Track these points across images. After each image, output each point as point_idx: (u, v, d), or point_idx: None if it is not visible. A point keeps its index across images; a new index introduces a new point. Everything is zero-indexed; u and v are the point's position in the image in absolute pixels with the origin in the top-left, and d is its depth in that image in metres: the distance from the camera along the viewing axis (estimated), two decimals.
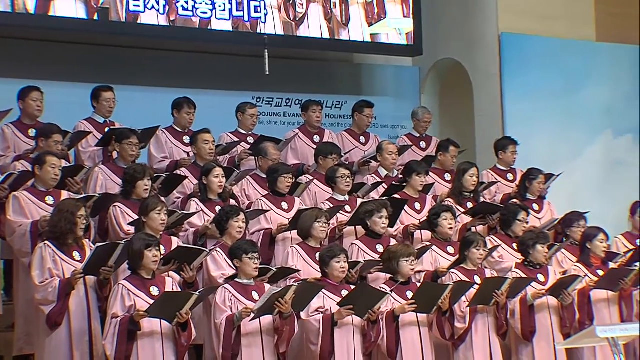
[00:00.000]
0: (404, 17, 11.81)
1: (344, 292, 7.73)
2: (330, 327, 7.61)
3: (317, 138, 10.45)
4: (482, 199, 9.93)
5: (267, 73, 9.58)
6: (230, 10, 10.69)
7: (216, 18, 10.62)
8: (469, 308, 8.17)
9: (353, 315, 7.65)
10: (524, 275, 8.54)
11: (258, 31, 10.82)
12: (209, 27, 10.60)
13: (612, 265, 9.14)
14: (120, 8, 10.10)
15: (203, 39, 10.80)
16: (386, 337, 7.81)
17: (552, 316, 8.52)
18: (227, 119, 10.45)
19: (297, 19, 11.07)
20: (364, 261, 8.27)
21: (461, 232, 9.30)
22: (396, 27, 11.74)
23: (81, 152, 9.32)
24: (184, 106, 9.81)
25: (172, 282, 7.32)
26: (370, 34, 11.58)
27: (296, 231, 8.49)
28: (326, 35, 11.26)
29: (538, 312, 8.48)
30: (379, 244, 8.59)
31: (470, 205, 9.68)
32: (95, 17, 10.03)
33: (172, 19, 10.38)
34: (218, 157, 9.64)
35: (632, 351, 9.27)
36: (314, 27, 11.19)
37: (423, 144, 11.06)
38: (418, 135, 11.14)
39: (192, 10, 10.50)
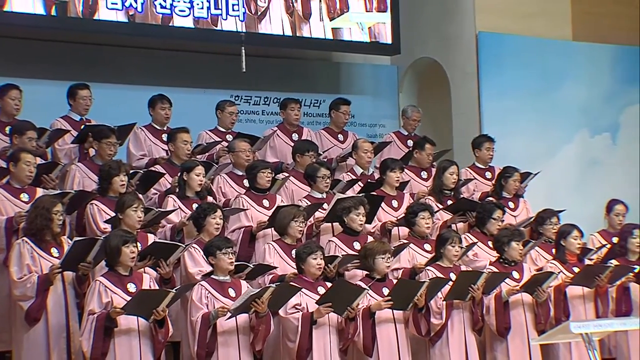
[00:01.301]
0: (367, 11, 11.76)
1: (320, 289, 7.77)
2: (309, 326, 7.63)
3: (295, 136, 10.46)
4: (461, 196, 9.98)
5: (244, 70, 9.58)
6: (209, 8, 10.69)
7: (194, 16, 10.62)
8: (444, 303, 8.22)
9: (331, 313, 7.67)
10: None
11: (235, 29, 10.83)
12: (188, 25, 10.61)
13: (587, 261, 9.21)
14: (79, 4, 10.09)
15: (181, 37, 10.80)
16: (362, 334, 7.83)
17: (526, 313, 8.58)
18: (205, 117, 10.46)
19: (259, 13, 11.02)
20: (341, 256, 8.30)
21: (441, 229, 9.33)
22: (358, 22, 11.65)
23: (57, 149, 9.32)
24: (158, 102, 9.83)
25: (149, 279, 7.33)
26: (332, 28, 11.50)
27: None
28: (287, 29, 11.14)
29: (513, 308, 8.53)
30: (356, 241, 8.61)
31: (450, 203, 9.72)
32: (71, 14, 10.02)
33: (150, 17, 10.39)
34: (197, 156, 9.65)
35: (607, 349, 9.37)
36: (276, 21, 11.09)
37: (410, 143, 11.01)
38: (407, 133, 11.17)
39: (170, 9, 10.50)
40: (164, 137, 9.67)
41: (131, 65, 11.12)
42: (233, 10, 10.85)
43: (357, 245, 8.56)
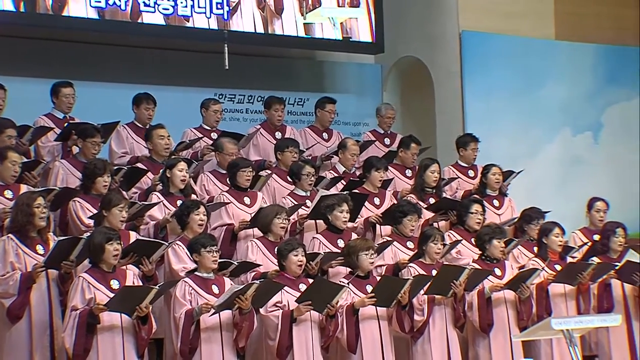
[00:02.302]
0: (339, 6, 11.70)
1: (302, 286, 7.79)
2: (289, 323, 7.65)
3: (278, 134, 10.48)
4: (443, 195, 10.03)
5: (227, 67, 9.59)
6: (192, 6, 10.70)
7: (177, 14, 10.62)
8: (426, 299, 8.26)
9: (312, 311, 7.70)
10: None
11: (219, 27, 10.83)
12: (171, 23, 10.62)
13: (569, 259, 9.27)
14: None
15: (165, 34, 10.80)
16: (346, 331, 7.87)
17: (508, 310, 8.63)
18: (190, 115, 10.47)
19: (231, 8, 11.00)
20: (324, 253, 8.32)
21: (423, 227, 9.37)
22: (329, 17, 11.60)
23: (40, 146, 9.31)
24: (143, 101, 9.84)
25: (132, 275, 7.34)
26: (304, 24, 11.45)
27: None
28: (259, 25, 11.08)
29: (495, 305, 8.58)
30: (340, 238, 8.64)
31: (432, 201, 9.76)
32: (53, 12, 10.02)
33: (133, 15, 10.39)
34: (181, 153, 9.66)
35: (588, 346, 9.43)
36: (247, 16, 11.03)
37: (387, 141, 11.14)
38: (382, 132, 11.22)
39: (154, 7, 10.51)
40: None
41: (115, 63, 11.11)
42: (217, 8, 10.85)
43: (341, 243, 8.59)
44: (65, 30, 10.42)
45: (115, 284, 7.12)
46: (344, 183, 9.81)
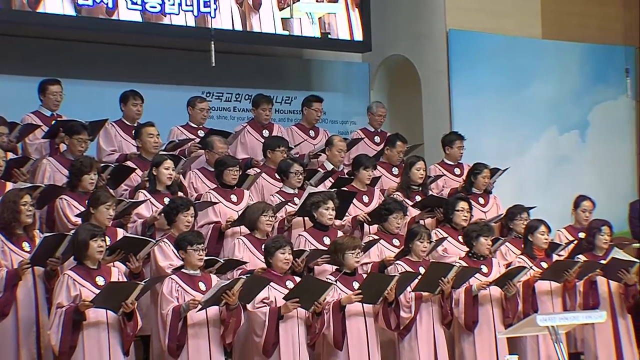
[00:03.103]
0: (317, 1, 11.66)
1: (289, 283, 7.81)
2: (276, 320, 7.66)
3: (266, 132, 10.50)
4: (430, 193, 10.06)
5: (213, 64, 9.60)
6: (180, 4, 10.70)
7: (164, 13, 10.62)
8: (414, 296, 8.28)
9: (298, 308, 7.72)
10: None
11: (206, 25, 10.82)
12: (158, 22, 10.62)
13: (555, 257, 9.30)
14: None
15: (151, 32, 10.79)
16: (332, 327, 7.89)
17: (494, 307, 8.65)
18: (177, 113, 10.47)
19: (218, 6, 10.96)
20: (310, 250, 8.34)
21: (409, 225, 9.40)
22: (307, 12, 11.56)
23: (28, 144, 9.31)
24: (130, 98, 9.84)
25: (117, 272, 7.35)
26: (282, 19, 11.41)
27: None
28: (237, 20, 11.03)
29: (481, 302, 8.61)
30: (326, 235, 8.66)
31: (418, 198, 9.79)
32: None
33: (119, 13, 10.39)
34: (168, 152, 9.66)
35: (574, 343, 9.47)
36: (225, 11, 10.97)
37: (377, 139, 11.15)
38: (373, 130, 11.24)
39: (142, 5, 10.51)
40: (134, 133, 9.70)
41: (103, 61, 11.10)
42: (204, 6, 10.86)
43: (327, 240, 8.60)
44: (46, 27, 10.40)
45: (100, 281, 7.12)
46: (332, 181, 9.84)
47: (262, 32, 11.27)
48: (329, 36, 11.71)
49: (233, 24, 10.99)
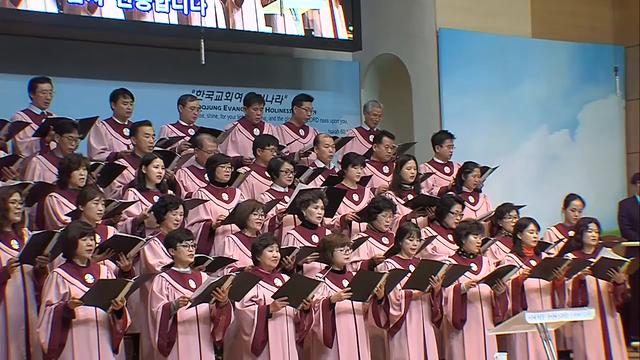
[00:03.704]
0: None
1: (277, 281, 7.82)
2: (265, 318, 7.67)
3: (256, 131, 10.51)
4: (421, 191, 10.07)
5: (203, 62, 9.61)
6: (170, 3, 10.70)
7: (155, 11, 10.63)
8: (403, 292, 8.30)
9: (287, 306, 7.72)
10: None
11: (195, 24, 10.81)
12: (148, 20, 10.62)
13: (544, 255, 9.33)
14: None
15: (141, 31, 10.80)
16: (322, 325, 7.90)
17: (483, 305, 8.67)
18: (168, 112, 10.47)
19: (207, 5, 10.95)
20: (300, 247, 8.36)
21: (400, 223, 9.41)
22: (290, 8, 11.52)
23: (18, 142, 9.30)
24: (120, 96, 9.83)
25: (107, 270, 7.34)
26: (265, 15, 11.37)
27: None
28: (221, 17, 10.98)
29: (470, 301, 8.63)
30: (314, 234, 8.67)
31: (410, 197, 9.81)
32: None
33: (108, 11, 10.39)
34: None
35: (563, 341, 9.51)
36: (209, 7, 10.92)
37: (372, 138, 11.08)
38: (369, 129, 11.25)
39: (132, 3, 10.51)
40: (125, 131, 9.70)
41: (93, 59, 11.10)
42: (195, 5, 10.86)
43: (315, 238, 8.61)
44: (30, 25, 10.37)
45: (89, 279, 7.12)
46: (323, 179, 9.85)
47: (253, 30, 11.27)
48: (313, 33, 11.68)
49: (217, 21, 10.94)
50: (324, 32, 11.77)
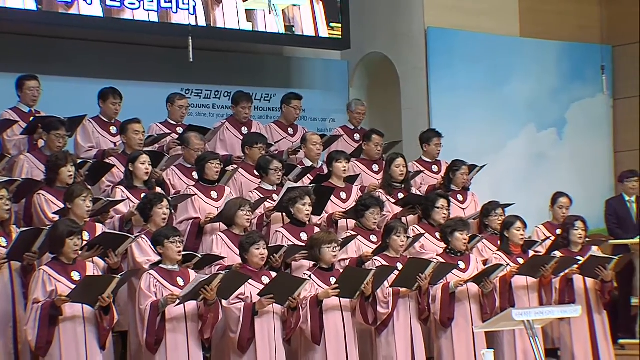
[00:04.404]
0: None
1: (264, 278, 7.83)
2: (251, 316, 7.67)
3: (245, 129, 10.51)
4: (412, 189, 10.09)
5: (191, 60, 9.61)
6: (159, 2, 10.70)
7: (144, 9, 10.63)
8: (391, 290, 8.31)
9: (274, 304, 7.73)
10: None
11: (182, 22, 10.81)
12: (135, 18, 10.62)
13: (531, 253, 9.35)
14: None
15: (127, 29, 10.79)
16: (310, 322, 7.91)
17: (471, 303, 8.69)
18: (157, 110, 10.48)
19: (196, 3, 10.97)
20: (287, 245, 8.37)
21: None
22: (271, 4, 11.47)
23: (6, 140, 9.30)
24: (110, 96, 9.83)
25: (93, 267, 7.34)
26: (245, 10, 11.32)
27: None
28: (201, 13, 10.95)
29: (458, 298, 8.65)
30: (303, 231, 8.67)
31: (401, 196, 9.83)
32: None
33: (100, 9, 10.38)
34: (147, 147, 9.67)
35: (551, 339, 9.54)
36: (191, 4, 10.93)
37: (357, 136, 11.15)
38: (353, 127, 11.27)
39: (120, 2, 10.50)
40: (112, 129, 9.71)
41: (82, 58, 11.09)
42: (183, 3, 10.86)
43: (304, 236, 8.61)
44: (11, 23, 10.34)
45: (76, 276, 7.12)
46: (311, 177, 9.86)
47: (243, 29, 11.28)
48: (294, 29, 11.64)
49: (197, 19, 10.91)
50: (304, 29, 11.73)
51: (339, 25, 11.97)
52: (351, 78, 13.00)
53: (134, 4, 10.55)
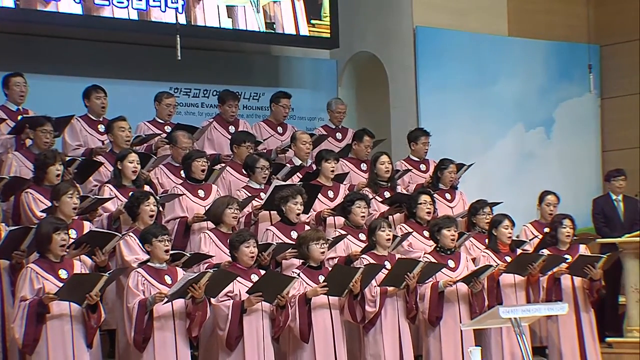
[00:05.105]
0: None
1: (254, 276, 7.83)
2: (239, 314, 7.68)
3: (232, 128, 10.52)
4: (398, 188, 10.11)
5: (179, 58, 9.61)
6: (147, 0, 10.70)
7: (132, 7, 10.62)
8: (379, 289, 8.33)
9: (262, 301, 7.73)
10: (435, 261, 8.72)
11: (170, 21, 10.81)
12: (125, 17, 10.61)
13: (519, 251, 9.38)
14: None
15: (115, 28, 10.79)
16: (298, 320, 7.91)
17: (460, 302, 8.71)
18: (145, 109, 10.47)
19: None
20: (276, 243, 8.38)
21: None
22: (251, 0, 11.43)
23: None
24: (92, 92, 9.82)
25: (80, 265, 7.34)
26: (226, 6, 11.28)
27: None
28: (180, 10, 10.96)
29: (448, 298, 8.66)
30: (293, 230, 8.68)
31: (387, 194, 9.85)
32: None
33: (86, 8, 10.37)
34: (136, 147, 9.66)
35: (538, 337, 9.57)
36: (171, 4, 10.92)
37: (339, 135, 11.20)
38: (334, 126, 11.29)
39: (109, 1, 10.50)
40: (100, 127, 9.71)
41: (71, 56, 11.07)
42: (172, 2, 10.86)
43: (294, 234, 8.61)
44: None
45: (63, 274, 7.11)
46: (300, 176, 9.88)
47: (230, 28, 11.28)
48: (274, 26, 11.62)
49: (177, 17, 10.83)
50: (285, 26, 11.71)
51: (320, 22, 11.96)
52: (340, 77, 13.01)
53: (122, 2, 10.54)
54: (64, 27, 10.64)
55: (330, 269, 8.29)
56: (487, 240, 9.36)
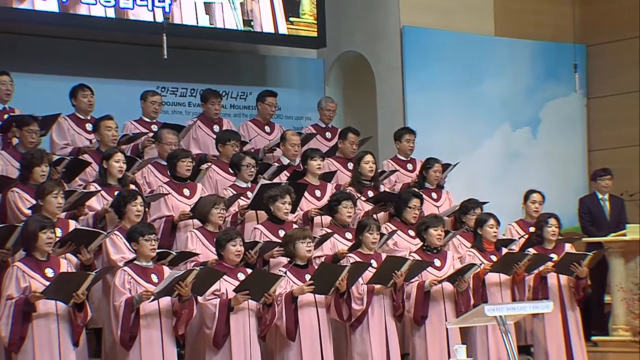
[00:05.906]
0: None
1: (240, 275, 7.84)
2: (226, 312, 7.68)
3: (216, 127, 10.52)
4: (382, 188, 10.12)
5: (165, 57, 9.60)
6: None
7: (119, 7, 10.61)
8: (366, 287, 8.34)
9: (249, 300, 7.75)
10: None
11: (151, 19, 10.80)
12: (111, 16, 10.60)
13: (504, 250, 9.40)
14: None
15: (105, 27, 10.78)
16: (285, 318, 7.93)
17: (446, 301, 8.73)
18: (132, 108, 10.47)
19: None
20: (263, 242, 8.38)
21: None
22: None
23: None
24: (79, 90, 9.83)
25: (67, 264, 7.33)
26: (204, 3, 11.26)
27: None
28: (158, 10, 10.93)
29: (434, 297, 8.68)
30: (281, 229, 8.68)
31: (371, 193, 9.86)
32: None
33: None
34: (122, 146, 9.66)
35: (524, 336, 9.59)
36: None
37: (328, 134, 11.21)
38: (324, 125, 11.30)
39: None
40: (88, 126, 9.70)
41: (57, 55, 11.06)
42: (159, 1, 10.86)
43: (282, 233, 8.61)
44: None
45: (49, 272, 7.11)
46: (288, 174, 9.89)
47: (217, 27, 11.27)
48: (252, 24, 11.59)
49: (154, 15, 10.82)
50: (263, 24, 11.68)
51: (299, 20, 11.95)
52: (327, 76, 13.02)
53: (109, 1, 10.54)
54: (43, 25, 10.60)
55: (316, 267, 8.31)
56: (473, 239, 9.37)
